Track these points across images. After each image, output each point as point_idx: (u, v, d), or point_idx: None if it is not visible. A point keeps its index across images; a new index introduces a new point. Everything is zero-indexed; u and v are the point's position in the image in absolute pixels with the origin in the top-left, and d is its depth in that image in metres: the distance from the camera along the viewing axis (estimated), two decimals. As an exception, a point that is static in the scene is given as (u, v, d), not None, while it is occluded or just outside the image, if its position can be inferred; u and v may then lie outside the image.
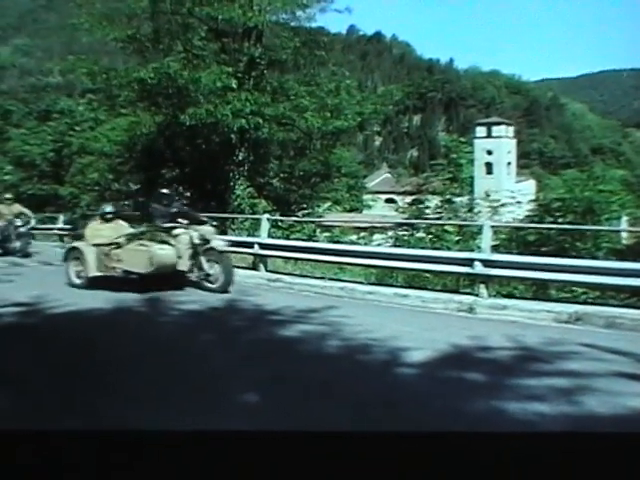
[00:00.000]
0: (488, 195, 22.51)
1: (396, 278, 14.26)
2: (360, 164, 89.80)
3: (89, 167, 38.65)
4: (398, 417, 5.22)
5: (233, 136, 22.10)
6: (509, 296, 12.10)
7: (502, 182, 72.31)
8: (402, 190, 35.34)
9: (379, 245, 19.19)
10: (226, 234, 18.15)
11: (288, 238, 18.24)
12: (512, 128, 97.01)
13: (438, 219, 20.29)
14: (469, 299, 11.44)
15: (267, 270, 15.78)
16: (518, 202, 21.48)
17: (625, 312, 9.92)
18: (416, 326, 9.08)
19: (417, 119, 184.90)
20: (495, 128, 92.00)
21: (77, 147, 45.65)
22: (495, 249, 13.29)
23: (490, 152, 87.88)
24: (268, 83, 22.87)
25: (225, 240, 14.20)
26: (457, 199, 22.44)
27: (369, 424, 4.88)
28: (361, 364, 7.14)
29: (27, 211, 21.55)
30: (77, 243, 13.78)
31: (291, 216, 21.70)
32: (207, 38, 23.03)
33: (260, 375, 6.49)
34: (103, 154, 29.54)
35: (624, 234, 16.09)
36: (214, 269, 12.73)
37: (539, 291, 12.72)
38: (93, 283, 12.84)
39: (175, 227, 13.09)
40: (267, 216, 17.15)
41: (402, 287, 13.23)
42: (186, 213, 13.90)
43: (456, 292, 12.54)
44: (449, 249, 15.61)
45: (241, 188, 21.79)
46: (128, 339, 8.33)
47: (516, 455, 2.04)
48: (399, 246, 17.11)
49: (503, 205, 20.58)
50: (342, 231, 22.71)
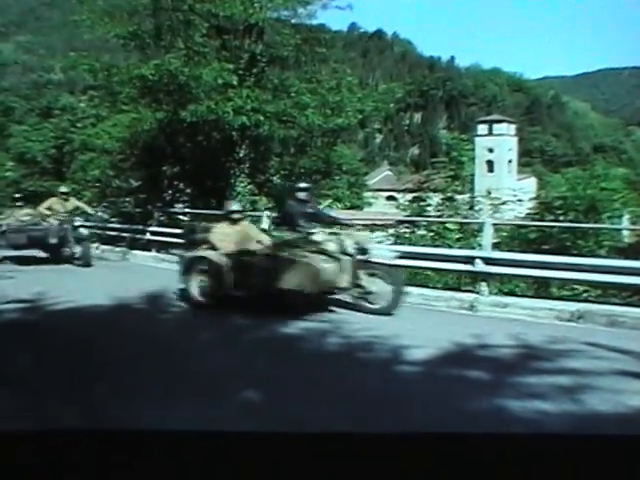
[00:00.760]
0: (489, 193, 22.51)
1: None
2: (361, 161, 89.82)
3: (90, 164, 38.59)
4: (399, 415, 5.21)
5: (234, 133, 22.07)
6: (511, 294, 12.11)
7: (503, 180, 72.31)
8: (403, 188, 35.39)
9: (380, 243, 19.19)
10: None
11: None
12: (513, 126, 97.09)
13: (439, 217, 20.29)
14: (470, 297, 11.44)
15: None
16: (519, 200, 21.47)
17: (627, 310, 9.92)
18: (417, 324, 9.08)
19: (418, 117, 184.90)
20: (496, 126, 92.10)
21: (78, 144, 45.58)
22: (496, 247, 13.29)
23: (491, 150, 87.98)
24: (269, 80, 22.82)
25: (393, 249, 12.31)
26: (458, 197, 22.44)
27: (370, 423, 4.87)
28: (362, 362, 7.13)
29: (86, 206, 18.87)
30: (205, 252, 11.02)
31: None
32: (208, 35, 22.97)
33: (260, 374, 6.48)
34: (104, 151, 29.49)
35: (626, 232, 16.08)
36: (377, 285, 10.45)
37: (540, 289, 12.72)
38: (222, 302, 10.51)
39: (319, 232, 10.96)
40: (268, 213, 17.15)
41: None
42: (327, 215, 12.24)
43: (457, 290, 12.54)
44: (450, 247, 15.60)
45: (242, 185, 21.77)
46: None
47: (518, 456, 2.02)
48: (400, 244, 17.11)
49: (504, 203, 20.57)
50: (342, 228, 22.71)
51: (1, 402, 5.44)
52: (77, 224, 17.02)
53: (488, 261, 11.79)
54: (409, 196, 25.26)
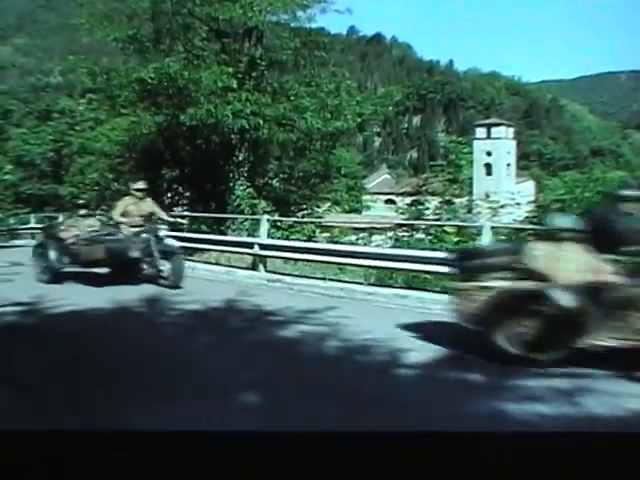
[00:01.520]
0: (487, 196, 22.49)
1: (396, 279, 14.24)
2: (360, 165, 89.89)
3: (89, 167, 38.64)
4: (397, 418, 5.23)
5: (233, 136, 22.09)
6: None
7: (501, 183, 72.39)
8: (401, 191, 35.39)
9: (378, 246, 19.18)
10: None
11: (288, 239, 18.25)
12: (512, 129, 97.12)
13: (437, 220, 20.27)
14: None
15: (266, 270, 15.79)
16: (517, 203, 21.46)
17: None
18: (416, 327, 9.08)
19: (417, 120, 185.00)
20: (494, 129, 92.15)
21: (77, 147, 45.62)
22: (494, 250, 13.27)
23: (489, 153, 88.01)
24: (268, 84, 22.85)
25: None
26: (456, 200, 22.43)
27: (367, 425, 4.89)
28: (360, 365, 7.15)
29: (160, 211, 14.59)
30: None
31: (291, 217, 21.72)
32: (208, 38, 23.01)
33: (259, 376, 6.50)
34: (103, 154, 29.49)
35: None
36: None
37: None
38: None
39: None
40: (267, 217, 17.16)
41: (402, 288, 13.22)
42: None
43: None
44: (449, 250, 15.61)
45: (241, 189, 21.77)
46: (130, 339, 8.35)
47: (517, 455, 2.04)
48: (398, 247, 17.11)
49: (502, 206, 20.56)
50: (341, 232, 22.73)
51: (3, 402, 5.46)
52: (162, 233, 13.45)
53: (486, 264, 11.78)
54: (408, 199, 25.20)
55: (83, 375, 6.49)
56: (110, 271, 13.83)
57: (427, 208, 22.89)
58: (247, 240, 17.04)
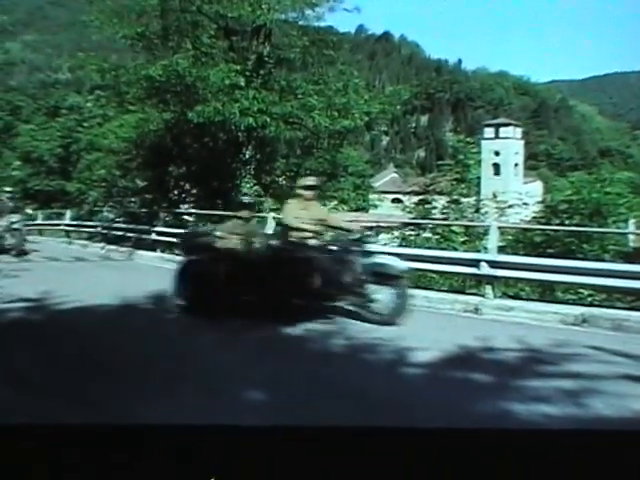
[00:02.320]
0: (495, 196, 22.45)
1: (402, 278, 14.22)
2: (367, 163, 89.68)
3: (96, 163, 38.69)
4: (402, 417, 5.22)
5: (240, 134, 22.10)
6: (515, 297, 12.09)
7: (509, 183, 72.30)
8: (409, 190, 35.28)
9: (385, 245, 19.17)
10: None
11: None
12: (520, 129, 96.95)
13: (445, 219, 20.23)
14: (475, 300, 11.43)
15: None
16: (525, 203, 21.41)
17: (632, 315, 9.90)
18: (422, 326, 9.06)
19: (425, 119, 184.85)
20: (503, 129, 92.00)
21: (85, 143, 45.74)
22: (502, 250, 13.26)
23: (498, 153, 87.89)
24: (276, 82, 22.83)
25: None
26: (464, 200, 22.36)
27: (370, 422, 4.88)
28: (366, 363, 7.13)
29: (335, 216, 11.43)
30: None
31: (297, 215, 21.69)
32: (216, 36, 22.99)
33: (264, 373, 6.49)
34: (111, 151, 29.61)
35: (631, 237, 16.02)
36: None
37: (545, 293, 12.69)
38: None
39: None
40: (273, 214, 17.15)
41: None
42: None
43: (462, 293, 12.53)
44: (455, 249, 15.58)
45: (247, 186, 21.78)
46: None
47: (520, 451, 2.03)
48: (405, 246, 17.09)
49: (510, 206, 20.52)
50: (348, 230, 22.70)
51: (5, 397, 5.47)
52: (364, 249, 9.73)
53: (493, 264, 11.78)
54: (415, 199, 25.12)
55: (94, 371, 6.49)
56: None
57: (434, 207, 22.84)
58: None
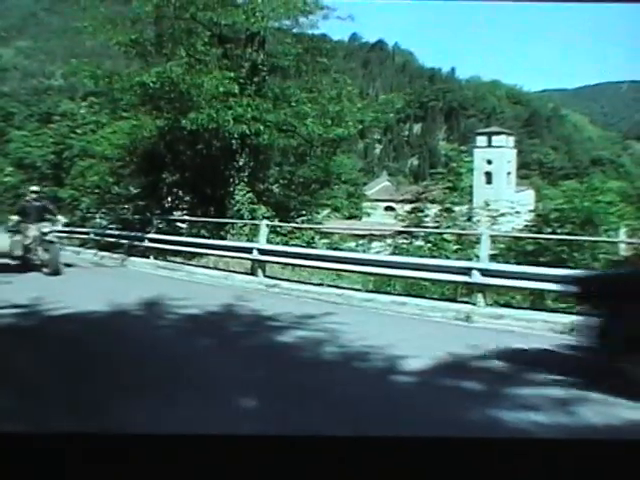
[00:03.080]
0: (487, 204, 22.48)
1: (394, 286, 14.26)
2: (360, 171, 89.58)
3: (90, 170, 38.51)
4: (393, 424, 5.25)
5: (234, 141, 22.09)
6: (506, 305, 12.13)
7: (501, 192, 72.21)
8: (401, 198, 35.30)
9: (378, 253, 19.21)
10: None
11: (287, 244, 18.26)
12: (512, 138, 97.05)
13: (437, 228, 20.27)
14: (466, 308, 11.47)
15: (265, 276, 15.80)
16: (517, 212, 21.47)
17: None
18: (413, 334, 9.10)
19: (418, 128, 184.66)
20: (495, 138, 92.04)
21: (78, 150, 45.52)
22: (493, 258, 13.31)
23: (490, 162, 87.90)
24: (270, 89, 22.86)
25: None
26: (456, 208, 22.41)
27: (364, 431, 4.91)
28: (358, 371, 7.16)
29: None
30: None
31: (290, 222, 21.71)
32: (210, 43, 22.98)
33: (257, 380, 6.52)
34: (104, 157, 29.48)
35: (622, 245, 16.09)
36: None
37: (536, 301, 12.73)
38: None
39: None
40: (266, 222, 17.18)
41: (400, 295, 13.25)
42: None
43: (454, 301, 12.56)
44: (447, 258, 15.63)
45: (241, 194, 21.76)
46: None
47: (509, 460, 2.06)
48: (398, 254, 17.13)
49: (502, 215, 20.57)
50: (341, 238, 22.76)
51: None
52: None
53: (485, 272, 11.82)
54: (407, 207, 25.19)
55: (84, 377, 6.50)
56: None
57: (427, 215, 22.90)
58: (246, 245, 17.06)
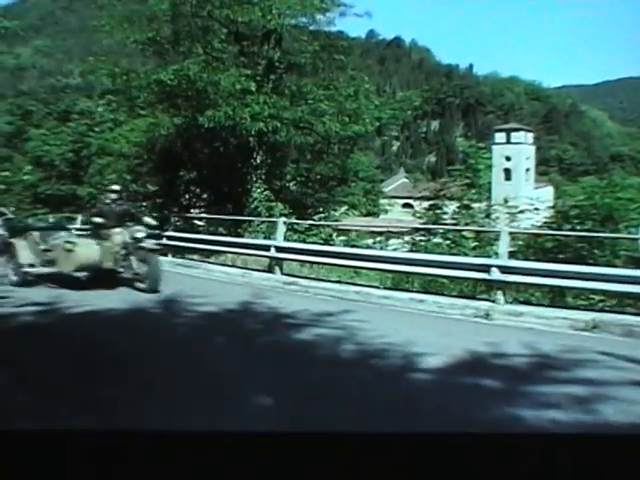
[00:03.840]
0: (506, 201, 22.38)
1: (412, 283, 14.21)
2: (377, 169, 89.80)
3: (107, 168, 38.68)
4: (411, 423, 5.21)
5: (251, 139, 22.12)
6: (526, 303, 12.05)
7: (520, 188, 72.04)
8: (419, 195, 35.25)
9: (395, 250, 19.15)
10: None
11: (304, 242, 18.23)
12: (531, 134, 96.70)
13: (455, 225, 20.19)
14: (485, 305, 11.40)
15: (283, 273, 15.78)
16: (536, 209, 21.33)
17: (642, 321, 9.87)
18: (432, 331, 9.06)
19: (435, 124, 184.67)
20: (514, 134, 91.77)
21: (96, 148, 45.72)
22: (512, 255, 13.23)
23: (509, 158, 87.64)
24: (287, 87, 22.87)
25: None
26: (475, 205, 22.31)
27: (382, 428, 4.87)
28: (376, 369, 7.13)
29: None
30: None
31: (307, 220, 21.69)
32: (227, 41, 23.02)
33: (274, 378, 6.49)
34: (121, 155, 29.58)
35: (643, 242, 15.96)
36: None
37: (556, 298, 12.64)
38: None
39: None
40: (283, 219, 17.16)
41: (418, 292, 13.20)
42: None
43: (473, 298, 12.49)
44: (466, 255, 15.54)
45: (258, 191, 21.77)
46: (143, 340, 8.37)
47: (529, 457, 2.02)
48: (416, 251, 17.07)
49: (521, 212, 20.45)
50: (358, 235, 22.70)
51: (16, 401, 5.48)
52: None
53: (504, 269, 11.76)
54: (425, 204, 25.14)
55: (101, 375, 6.50)
56: None
57: (445, 213, 22.81)
58: (264, 242, 17.06)
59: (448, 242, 17.57)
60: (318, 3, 22.12)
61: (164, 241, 20.36)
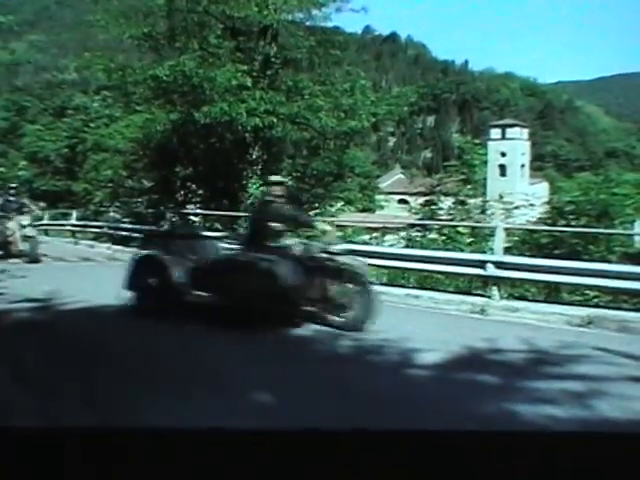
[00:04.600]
0: (501, 197, 22.38)
1: (408, 279, 14.23)
2: (373, 164, 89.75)
3: (103, 164, 38.73)
4: (407, 419, 5.21)
5: (247, 135, 22.15)
6: (521, 298, 12.08)
7: (516, 184, 72.03)
8: (415, 191, 35.25)
9: (391, 246, 19.15)
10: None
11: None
12: (526, 130, 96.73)
13: (451, 220, 20.20)
14: (481, 301, 11.43)
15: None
16: (531, 205, 21.33)
17: (637, 316, 9.90)
18: (428, 327, 9.07)
19: (431, 120, 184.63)
20: (509, 130, 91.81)
21: (91, 144, 45.76)
22: (508, 251, 13.25)
23: (504, 154, 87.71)
24: (283, 82, 22.87)
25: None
26: (470, 201, 22.32)
27: (379, 424, 4.88)
28: (371, 365, 7.13)
29: None
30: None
31: (304, 216, 21.66)
32: (223, 36, 23.02)
33: (269, 374, 6.49)
34: (117, 151, 29.66)
35: (637, 238, 15.97)
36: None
37: (551, 294, 12.67)
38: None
39: None
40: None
41: (414, 288, 13.22)
42: None
43: (468, 293, 12.52)
44: (462, 251, 15.55)
45: (254, 187, 21.78)
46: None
47: (525, 454, 2.03)
48: (411, 247, 17.08)
49: (516, 207, 20.46)
50: (354, 231, 22.71)
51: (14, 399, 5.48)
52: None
53: (499, 265, 11.78)
54: (421, 199, 25.08)
55: (99, 372, 6.50)
56: None
57: (440, 208, 22.81)
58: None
59: (444, 238, 17.58)
60: (314, -2, 22.18)
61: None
